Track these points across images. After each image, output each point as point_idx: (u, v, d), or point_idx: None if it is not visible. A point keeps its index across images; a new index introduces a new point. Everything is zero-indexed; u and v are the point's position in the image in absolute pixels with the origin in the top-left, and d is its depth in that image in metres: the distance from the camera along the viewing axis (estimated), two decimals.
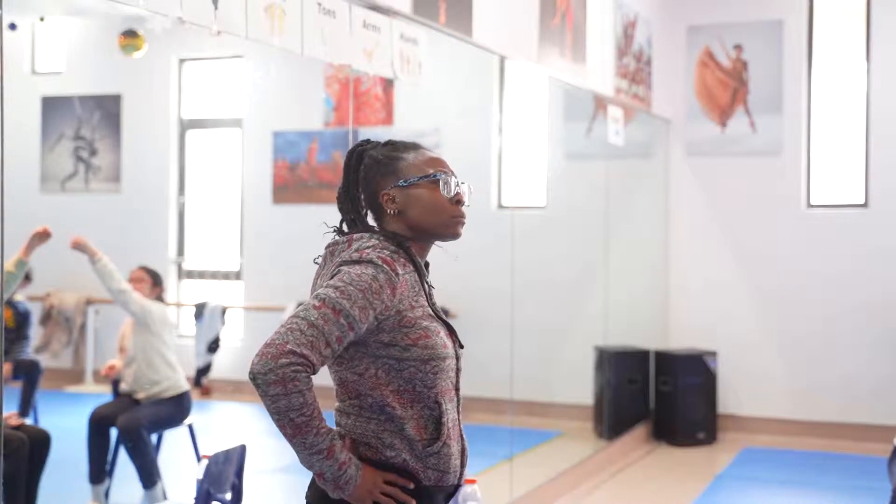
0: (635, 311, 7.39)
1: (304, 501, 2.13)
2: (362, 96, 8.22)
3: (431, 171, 2.12)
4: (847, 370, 7.15)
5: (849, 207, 7.27)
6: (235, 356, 8.55)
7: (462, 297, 7.88)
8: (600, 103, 6.76)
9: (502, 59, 5.43)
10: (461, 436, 2.14)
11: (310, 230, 9.48)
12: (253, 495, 4.89)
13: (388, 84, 8.15)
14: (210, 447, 3.71)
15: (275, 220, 8.51)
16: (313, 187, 8.38)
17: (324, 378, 2.18)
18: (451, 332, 2.13)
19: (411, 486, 2.01)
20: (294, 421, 1.95)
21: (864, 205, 7.22)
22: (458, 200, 2.14)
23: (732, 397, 7.37)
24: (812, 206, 7.35)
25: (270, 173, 8.52)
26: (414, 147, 2.17)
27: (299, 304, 8.98)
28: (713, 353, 7.19)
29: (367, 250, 2.03)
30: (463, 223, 2.15)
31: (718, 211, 7.53)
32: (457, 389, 2.12)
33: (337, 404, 2.13)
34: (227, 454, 3.66)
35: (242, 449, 3.77)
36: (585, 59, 5.89)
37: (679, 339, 7.49)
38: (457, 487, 2.12)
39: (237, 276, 8.75)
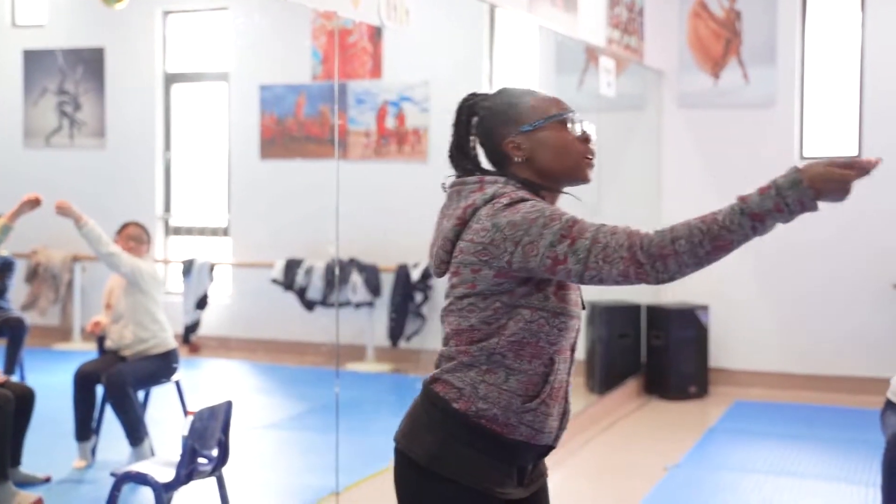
0: None
1: (402, 454, 2.03)
2: (350, 49, 8.09)
3: (556, 111, 2.03)
4: (838, 323, 7.13)
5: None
6: (224, 313, 8.50)
7: None
8: (592, 54, 6.65)
9: (492, 8, 5.32)
10: (566, 398, 2.04)
11: (298, 185, 9.46)
12: (241, 451, 4.87)
13: (376, 36, 8.01)
14: (198, 404, 3.66)
15: (262, 175, 8.41)
16: (301, 141, 8.28)
17: (307, 335, 2.11)
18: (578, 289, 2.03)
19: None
20: (712, 247, 1.78)
21: (857, 156, 7.15)
22: (585, 139, 2.03)
23: (724, 351, 7.35)
24: (805, 158, 7.28)
25: (258, 127, 8.40)
26: (528, 92, 2.07)
27: (287, 262, 8.75)
28: (705, 308, 7.16)
29: (510, 194, 1.93)
30: (593, 164, 2.04)
31: (711, 163, 7.46)
32: (572, 350, 2.03)
33: (442, 348, 2.03)
34: (212, 410, 3.61)
35: (228, 405, 3.72)
36: (577, 8, 5.78)
37: (671, 294, 7.46)
38: (549, 448, 2.04)
39: (225, 232, 8.67)
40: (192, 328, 8.12)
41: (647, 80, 7.51)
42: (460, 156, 2.08)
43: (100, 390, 5.00)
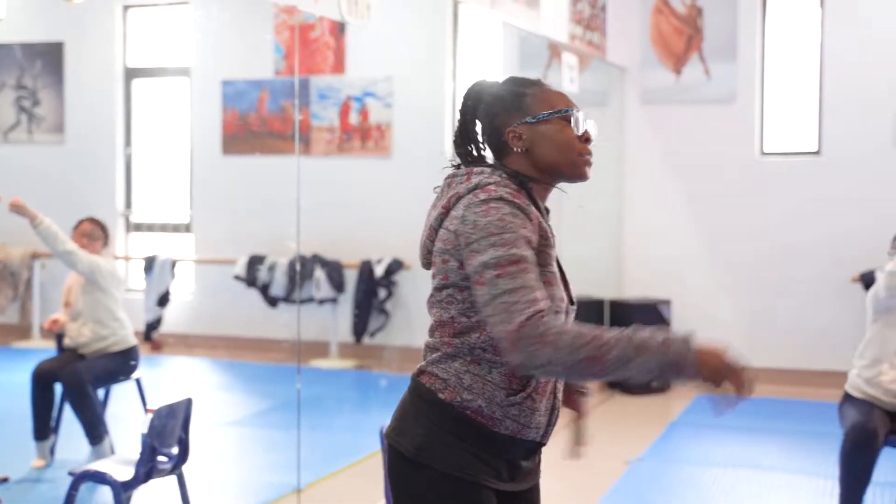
0: (589, 260, 7.37)
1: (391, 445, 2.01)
2: (312, 44, 8.05)
3: (562, 105, 2.02)
4: (799, 317, 7.20)
5: (802, 155, 7.29)
6: (186, 310, 8.43)
7: (415, 248, 7.79)
8: (555, 50, 6.67)
9: (456, 4, 5.31)
10: (554, 394, 2.02)
11: (260, 181, 9.40)
12: (202, 449, 4.83)
13: (339, 32, 7.98)
14: (159, 402, 3.62)
15: (225, 171, 8.35)
16: (264, 137, 8.23)
17: (260, 331, 2.10)
18: (566, 286, 2.03)
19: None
20: (586, 355, 1.75)
21: (817, 153, 7.23)
22: (586, 139, 2.03)
23: None
24: (765, 153, 7.35)
25: (219, 123, 8.34)
26: (537, 83, 2.06)
27: (249, 258, 8.73)
28: (667, 302, 7.21)
29: (490, 187, 1.91)
30: (591, 163, 2.05)
31: (673, 159, 7.51)
32: None
33: (428, 339, 2.03)
34: (171, 408, 3.58)
35: (188, 402, 3.69)
36: (539, 4, 5.79)
37: (633, 288, 7.50)
38: (539, 445, 2.03)
39: (187, 228, 8.60)
40: (153, 325, 8.05)
41: (609, 76, 7.54)
42: (464, 142, 2.08)
43: (58, 389, 4.94)
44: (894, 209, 6.85)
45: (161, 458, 3.64)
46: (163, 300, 8.05)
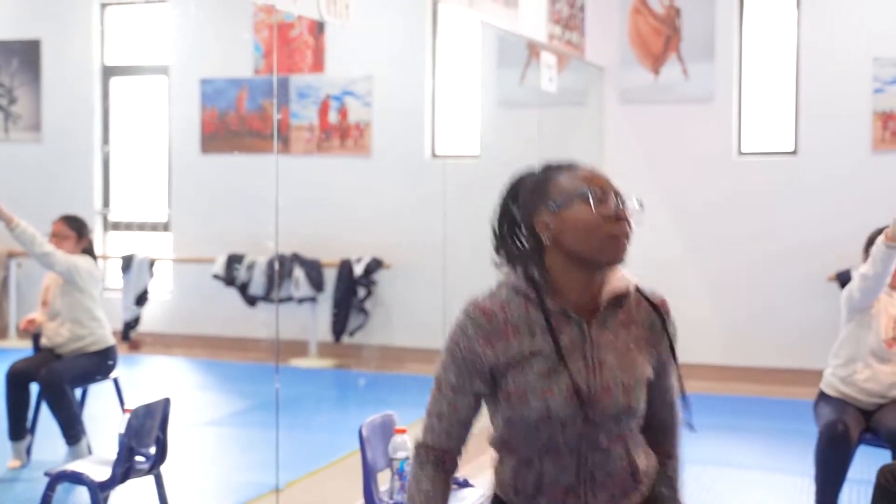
0: None
1: None
2: (292, 43, 8.04)
3: (581, 187, 1.88)
4: (776, 316, 7.25)
5: (778, 155, 7.33)
6: (164, 309, 8.39)
7: (395, 247, 7.82)
8: (533, 49, 6.68)
9: (435, 3, 5.31)
10: (581, 495, 1.92)
11: (239, 180, 9.35)
12: (180, 449, 4.81)
13: (318, 31, 7.97)
14: (137, 402, 3.61)
15: (203, 170, 8.32)
16: (243, 136, 8.20)
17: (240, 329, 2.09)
18: (578, 388, 1.87)
19: None
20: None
21: (794, 152, 7.28)
22: (618, 217, 1.88)
23: None
24: (743, 153, 7.40)
25: (198, 122, 8.31)
26: (569, 167, 1.95)
27: (228, 257, 8.71)
28: None
29: (479, 296, 1.93)
30: (623, 243, 1.88)
31: (651, 158, 7.54)
32: (577, 451, 1.90)
33: None
34: (149, 408, 3.57)
35: (166, 402, 3.68)
36: (518, 4, 5.80)
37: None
38: None
39: (165, 227, 8.56)
40: (131, 325, 8.01)
41: (588, 75, 7.56)
42: (501, 236, 1.99)
43: (34, 389, 4.91)
44: (870, 209, 6.89)
45: (139, 459, 3.63)
46: (141, 299, 8.01)
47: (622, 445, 1.95)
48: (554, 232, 1.89)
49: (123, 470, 3.55)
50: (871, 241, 4.18)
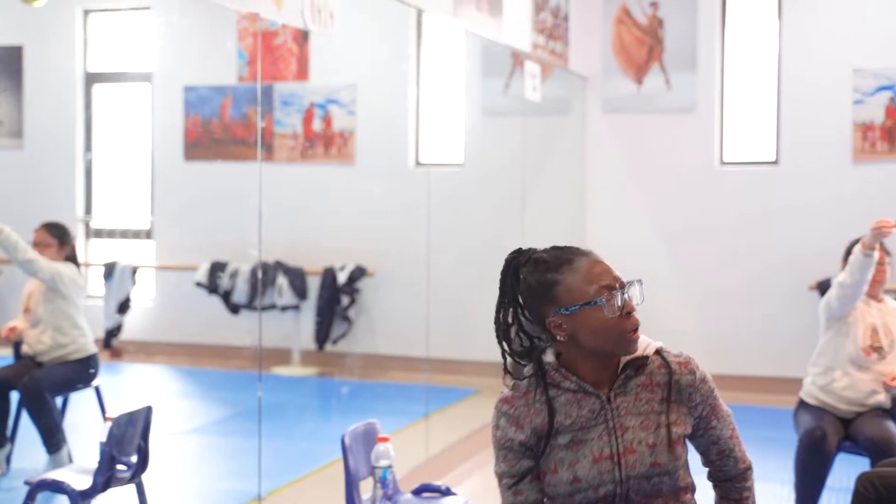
0: None
1: None
2: (276, 50, 8.04)
3: (592, 294, 1.99)
4: (756, 325, 7.29)
5: (760, 165, 7.38)
6: (146, 317, 8.36)
7: (378, 255, 7.82)
8: (517, 59, 6.71)
9: (419, 12, 5.33)
10: None
11: (222, 187, 9.31)
12: (162, 457, 4.80)
13: (302, 39, 7.97)
14: (119, 410, 3.60)
15: (186, 178, 8.30)
16: (227, 143, 8.19)
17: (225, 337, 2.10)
18: (615, 453, 2.01)
19: None
20: None
21: (775, 162, 7.33)
22: (628, 311, 2.00)
23: None
24: (725, 163, 7.44)
25: (182, 129, 8.29)
26: (568, 260, 2.04)
27: (211, 265, 8.67)
28: None
29: (504, 390, 2.09)
30: (637, 335, 2.02)
31: (634, 168, 7.58)
32: None
33: None
34: (130, 416, 3.55)
35: (148, 410, 3.67)
36: (502, 13, 5.83)
37: None
38: None
39: (148, 234, 8.53)
40: (113, 332, 7.97)
41: (572, 85, 7.60)
42: (506, 322, 2.08)
43: (14, 397, 4.88)
44: (850, 218, 6.95)
45: (120, 467, 3.62)
46: (123, 307, 7.97)
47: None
48: (568, 331, 2.01)
49: (105, 479, 3.53)
50: (849, 251, 4.22)
